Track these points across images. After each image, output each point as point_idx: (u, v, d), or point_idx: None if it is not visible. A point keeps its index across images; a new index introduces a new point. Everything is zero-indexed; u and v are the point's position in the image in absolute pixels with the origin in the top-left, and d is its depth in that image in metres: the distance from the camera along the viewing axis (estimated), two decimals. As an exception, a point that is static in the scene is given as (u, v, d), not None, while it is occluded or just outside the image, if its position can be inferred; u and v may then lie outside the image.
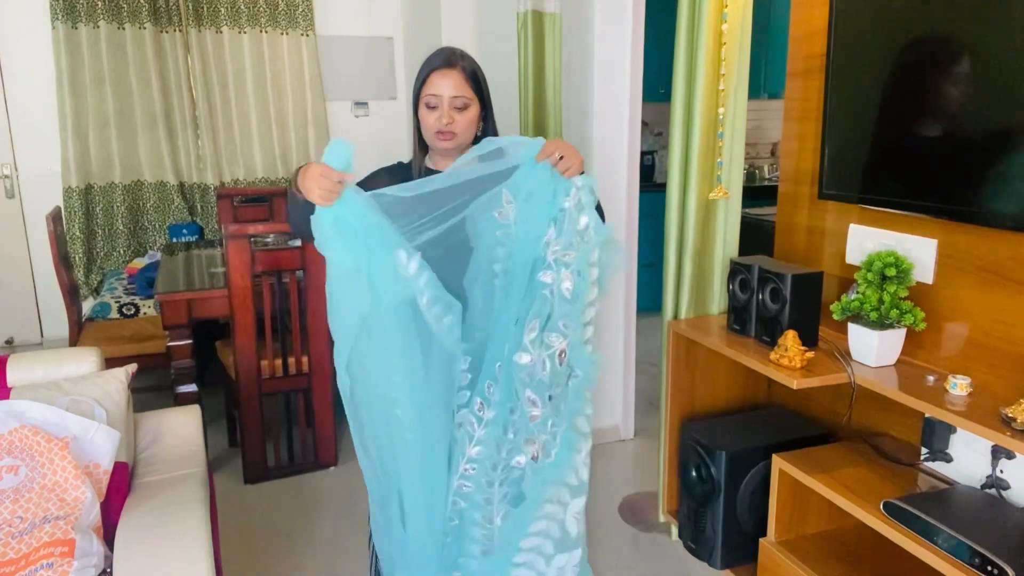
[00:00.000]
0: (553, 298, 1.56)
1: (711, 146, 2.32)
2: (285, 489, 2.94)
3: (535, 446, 1.63)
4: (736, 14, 2.22)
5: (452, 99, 1.61)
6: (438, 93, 1.61)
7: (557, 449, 1.65)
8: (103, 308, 3.69)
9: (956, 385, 1.74)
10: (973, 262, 1.84)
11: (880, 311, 1.87)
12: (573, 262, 1.55)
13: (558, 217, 1.55)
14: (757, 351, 2.09)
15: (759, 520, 2.21)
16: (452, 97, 1.60)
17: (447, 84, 1.60)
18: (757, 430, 2.33)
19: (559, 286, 1.56)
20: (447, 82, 1.60)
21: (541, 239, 1.56)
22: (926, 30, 1.87)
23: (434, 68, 1.61)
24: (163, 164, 4.38)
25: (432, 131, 1.64)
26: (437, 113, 1.61)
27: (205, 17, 4.35)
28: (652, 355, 4.00)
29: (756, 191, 5.01)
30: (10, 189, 4.25)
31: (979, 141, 1.76)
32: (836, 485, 1.89)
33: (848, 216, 2.17)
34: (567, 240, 1.55)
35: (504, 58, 3.18)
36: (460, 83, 1.61)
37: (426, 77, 1.62)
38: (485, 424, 1.61)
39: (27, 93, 4.16)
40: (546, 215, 1.55)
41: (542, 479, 1.66)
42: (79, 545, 1.57)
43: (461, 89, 1.61)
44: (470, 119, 1.64)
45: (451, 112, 1.61)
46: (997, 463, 1.78)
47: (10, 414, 1.73)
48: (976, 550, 1.53)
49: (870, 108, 2.02)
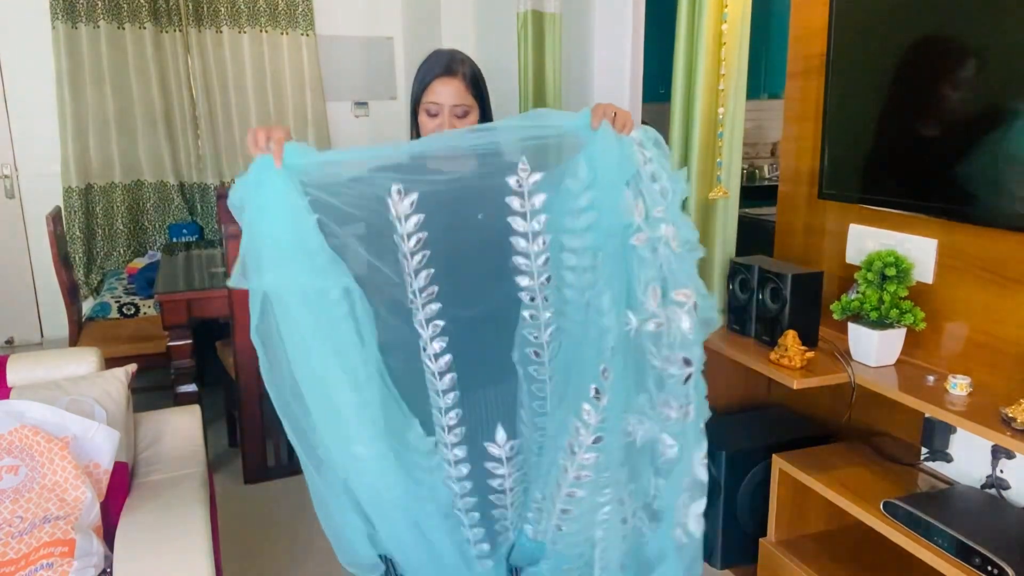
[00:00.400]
0: (659, 257, 1.44)
1: (711, 146, 2.32)
2: (285, 489, 2.94)
3: (678, 409, 1.49)
4: (736, 14, 2.22)
5: (453, 107, 1.56)
6: (439, 101, 1.56)
7: (694, 404, 1.50)
8: (103, 308, 3.69)
9: (956, 385, 1.74)
10: (973, 262, 1.84)
11: (880, 311, 1.87)
12: (666, 215, 1.44)
13: (632, 180, 1.43)
14: (757, 351, 2.09)
15: (759, 520, 2.21)
16: (453, 106, 1.56)
17: (448, 92, 1.56)
18: (757, 430, 2.33)
19: (663, 243, 1.43)
20: (448, 90, 1.56)
21: (619, 206, 1.43)
22: (926, 30, 1.87)
23: (436, 76, 1.57)
24: (163, 164, 4.38)
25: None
26: (438, 121, 1.57)
27: (205, 17, 4.35)
28: (652, 355, 3.99)
29: (756, 191, 5.00)
30: (10, 189, 4.25)
31: (979, 141, 1.76)
32: (836, 485, 1.89)
33: (848, 216, 2.17)
34: (651, 199, 1.43)
35: (504, 58, 3.18)
36: (461, 91, 1.57)
37: (427, 83, 1.58)
38: (602, 411, 1.46)
39: (27, 93, 4.16)
40: (620, 181, 1.43)
41: (687, 434, 1.52)
42: (79, 545, 1.57)
43: (462, 97, 1.57)
44: (470, 125, 1.60)
45: (452, 120, 1.56)
46: (997, 463, 1.78)
47: (10, 414, 1.73)
48: (976, 550, 1.53)
49: (870, 108, 2.02)
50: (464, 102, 1.56)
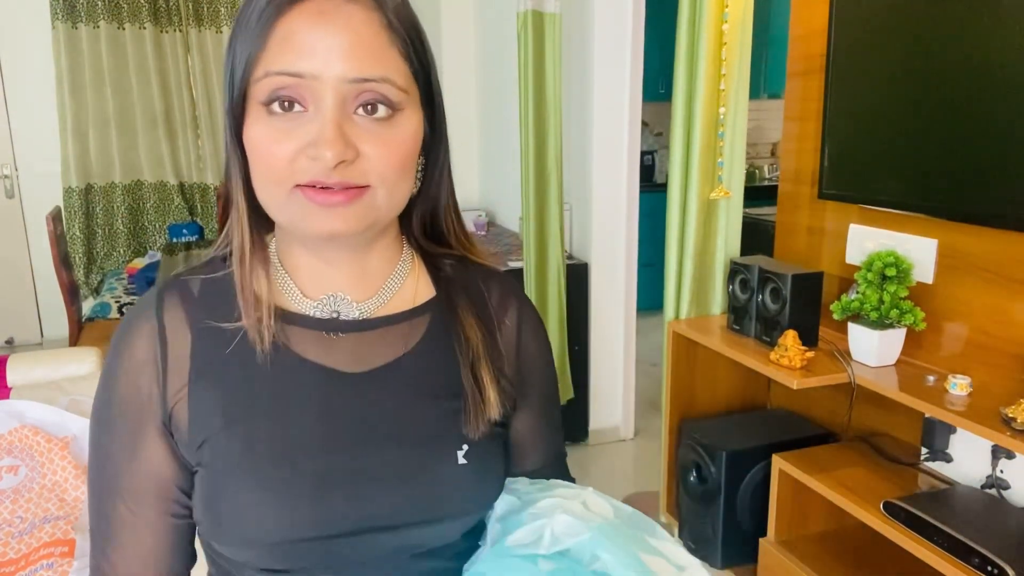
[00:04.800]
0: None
1: (712, 146, 2.32)
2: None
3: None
4: (737, 14, 2.22)
5: (350, 84, 0.63)
6: (303, 72, 0.65)
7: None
8: (103, 308, 3.69)
9: (956, 385, 1.74)
10: (973, 262, 1.84)
11: (880, 311, 1.87)
12: None
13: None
14: (757, 351, 2.09)
15: (759, 520, 2.21)
16: (353, 80, 0.63)
17: (336, 39, 0.67)
18: (757, 430, 2.33)
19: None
20: (335, 32, 0.68)
21: None
22: (926, 29, 1.87)
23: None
24: (163, 164, 4.39)
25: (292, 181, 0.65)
26: (302, 131, 0.64)
27: (205, 17, 4.35)
28: (652, 355, 4.00)
29: (756, 191, 5.00)
30: (10, 189, 4.25)
31: (979, 141, 1.76)
32: (836, 485, 1.89)
33: (848, 216, 2.17)
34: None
35: (504, 58, 3.18)
36: (378, 40, 0.67)
37: (271, 21, 0.66)
38: None
39: (27, 93, 4.16)
40: None
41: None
42: (79, 545, 1.57)
43: (378, 59, 0.66)
44: (401, 144, 0.68)
45: (346, 123, 0.64)
46: (997, 463, 1.78)
47: (10, 414, 1.73)
48: (976, 550, 1.53)
49: (870, 108, 2.02)
50: (379, 73, 0.63)
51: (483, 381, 0.73)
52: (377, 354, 0.72)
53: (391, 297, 0.74)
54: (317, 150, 0.61)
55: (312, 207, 0.63)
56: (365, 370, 0.71)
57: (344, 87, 0.61)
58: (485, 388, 0.73)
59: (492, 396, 0.73)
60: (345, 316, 0.72)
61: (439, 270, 0.78)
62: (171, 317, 0.70)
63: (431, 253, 0.78)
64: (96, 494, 0.72)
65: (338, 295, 0.72)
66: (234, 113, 0.65)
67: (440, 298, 0.76)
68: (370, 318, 0.73)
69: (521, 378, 0.79)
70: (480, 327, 0.76)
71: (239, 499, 0.66)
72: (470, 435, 0.72)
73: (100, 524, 0.72)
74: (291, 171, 0.62)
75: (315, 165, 0.61)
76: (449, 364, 0.74)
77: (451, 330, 0.75)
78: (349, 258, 0.72)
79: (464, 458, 0.70)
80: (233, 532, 0.67)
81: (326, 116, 0.61)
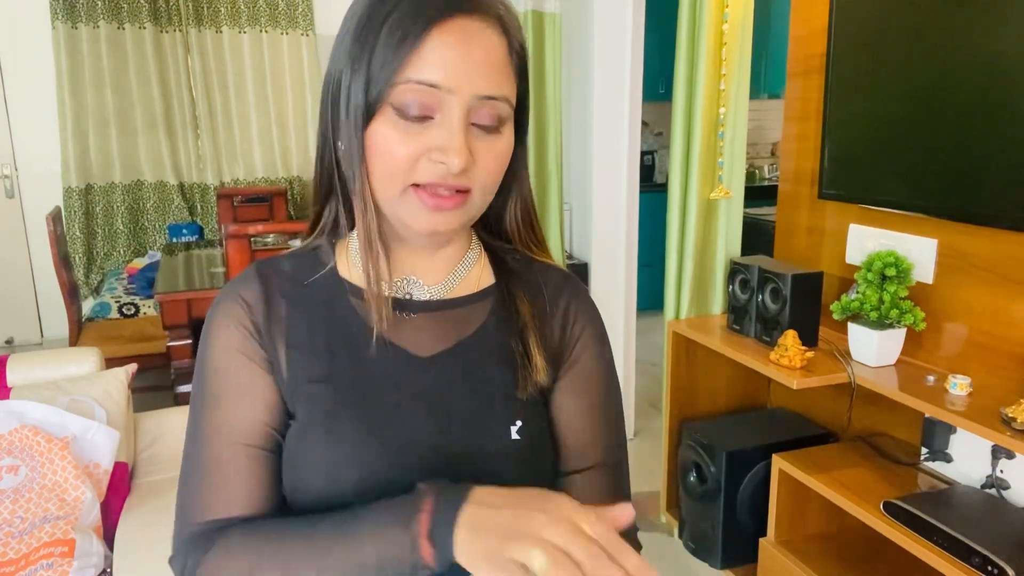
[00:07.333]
0: None
1: (712, 146, 2.32)
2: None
3: None
4: (737, 14, 2.22)
5: (480, 102, 0.72)
6: (441, 83, 0.76)
7: None
8: (103, 308, 3.68)
9: (956, 385, 1.74)
10: (973, 262, 1.84)
11: (880, 311, 1.87)
12: None
13: None
14: (757, 351, 2.09)
15: (759, 520, 2.21)
16: (481, 97, 0.72)
17: (470, 60, 0.77)
18: (757, 430, 2.33)
19: None
20: (470, 53, 0.77)
21: None
22: (926, 29, 1.87)
23: (444, 14, 0.75)
24: (163, 164, 4.38)
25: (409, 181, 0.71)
26: (430, 135, 0.70)
27: (205, 17, 4.35)
28: (652, 355, 4.00)
29: (756, 191, 5.00)
30: (10, 189, 4.25)
31: (979, 141, 1.76)
32: (836, 485, 1.89)
33: (848, 216, 2.17)
34: None
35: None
36: (502, 63, 0.78)
37: (418, 35, 0.73)
38: None
39: (27, 93, 4.16)
40: None
41: None
42: (79, 545, 1.56)
43: (501, 79, 0.75)
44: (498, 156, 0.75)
45: (470, 138, 0.71)
46: (997, 463, 1.78)
47: (10, 414, 1.72)
48: (976, 550, 1.53)
49: (870, 108, 2.02)
50: (502, 92, 0.70)
51: (531, 348, 0.78)
52: (440, 336, 0.78)
53: (459, 282, 0.81)
54: (445, 156, 0.67)
55: (423, 207, 0.70)
56: (428, 355, 0.77)
57: (474, 102, 0.68)
58: (533, 355, 0.78)
59: (539, 362, 0.77)
60: (417, 297, 0.79)
61: (503, 261, 0.84)
62: (269, 284, 0.78)
63: (491, 245, 0.85)
64: (195, 437, 0.76)
65: (411, 278, 0.79)
66: (368, 112, 0.69)
67: (500, 285, 0.82)
68: (438, 300, 0.79)
69: (571, 363, 0.82)
70: (531, 305, 0.81)
71: (316, 454, 0.72)
72: (519, 395, 0.76)
73: (196, 466, 0.75)
74: (410, 172, 0.69)
75: (438, 168, 0.68)
76: (504, 345, 0.79)
77: (507, 309, 0.80)
78: (430, 247, 0.79)
79: (517, 434, 0.75)
80: (309, 481, 0.72)
81: (455, 126, 0.67)
